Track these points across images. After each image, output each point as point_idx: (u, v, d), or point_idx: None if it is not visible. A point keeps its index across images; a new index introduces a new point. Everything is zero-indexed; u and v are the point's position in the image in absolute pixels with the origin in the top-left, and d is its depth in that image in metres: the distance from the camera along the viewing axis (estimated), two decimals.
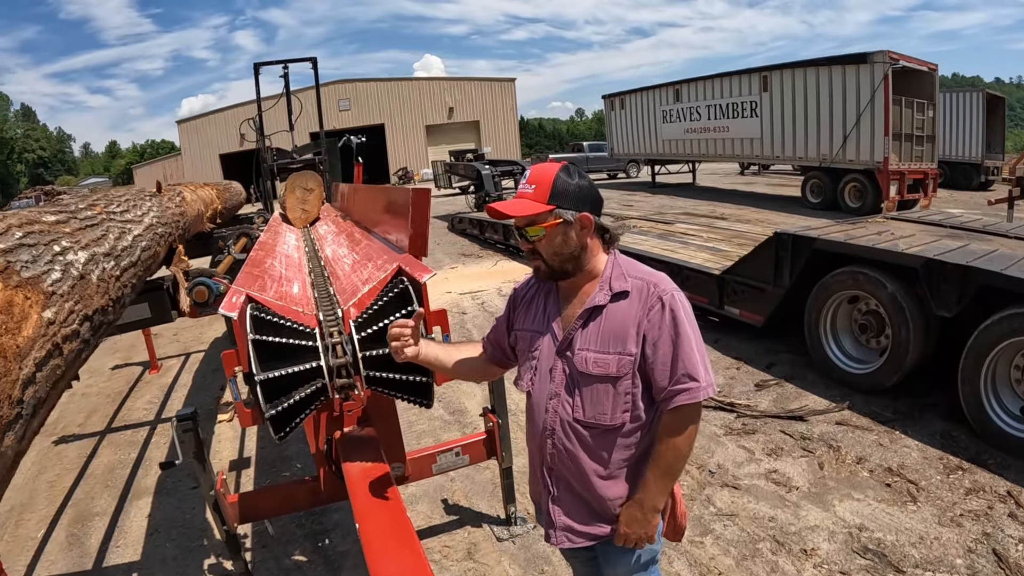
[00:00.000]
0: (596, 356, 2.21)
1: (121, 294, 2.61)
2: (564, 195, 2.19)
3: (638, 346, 2.18)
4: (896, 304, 5.87)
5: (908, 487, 4.75)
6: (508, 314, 2.55)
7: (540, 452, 2.39)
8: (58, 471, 6.28)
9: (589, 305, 2.24)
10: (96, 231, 2.66)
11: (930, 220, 8.07)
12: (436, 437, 6.08)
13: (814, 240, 6.73)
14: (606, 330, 2.21)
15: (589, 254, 2.26)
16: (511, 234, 14.80)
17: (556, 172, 2.21)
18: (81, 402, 8.19)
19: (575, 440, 2.28)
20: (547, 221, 2.19)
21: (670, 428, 2.21)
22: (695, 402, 2.17)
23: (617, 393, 2.22)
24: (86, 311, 2.08)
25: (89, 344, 2.13)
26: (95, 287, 2.25)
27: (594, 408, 2.24)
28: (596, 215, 2.25)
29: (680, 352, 2.15)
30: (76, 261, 2.18)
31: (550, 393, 2.31)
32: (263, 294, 3.08)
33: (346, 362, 2.73)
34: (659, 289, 2.20)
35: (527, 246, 2.28)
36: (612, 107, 30.72)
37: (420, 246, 3.31)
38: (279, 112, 10.64)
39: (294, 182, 7.50)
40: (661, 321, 2.16)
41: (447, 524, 4.76)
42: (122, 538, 5.01)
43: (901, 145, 17.54)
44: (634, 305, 2.20)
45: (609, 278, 2.25)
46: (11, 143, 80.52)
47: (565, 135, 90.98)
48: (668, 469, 2.24)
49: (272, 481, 5.61)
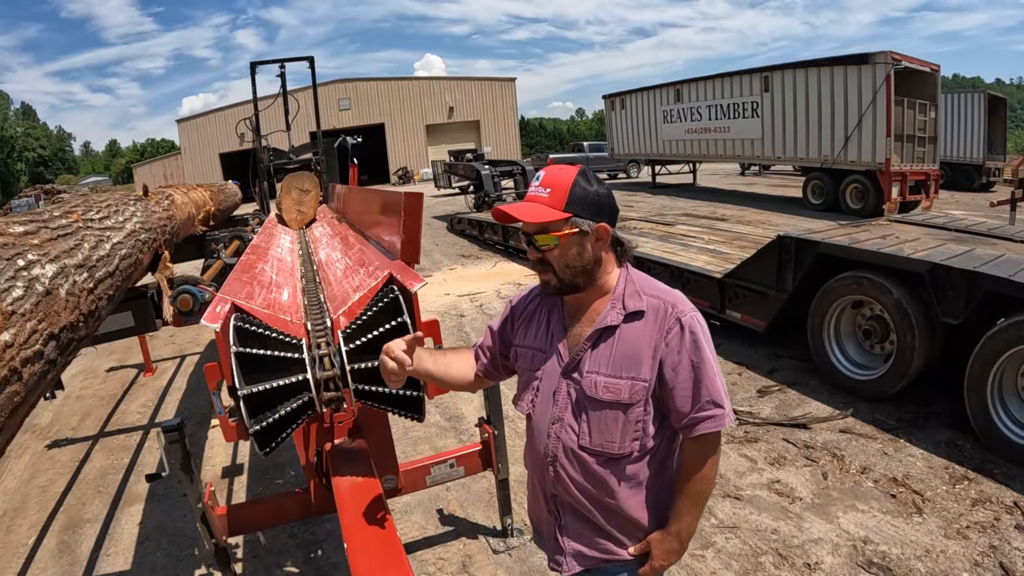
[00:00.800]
0: (607, 380, 2.05)
1: (95, 307, 2.48)
2: (582, 203, 2.01)
3: (653, 372, 2.03)
4: (901, 310, 5.78)
5: (913, 498, 4.66)
6: (504, 327, 2.38)
7: (542, 478, 2.26)
8: (51, 476, 6.20)
9: (600, 325, 2.07)
10: (69, 241, 2.53)
11: (934, 223, 7.96)
12: (432, 443, 6.00)
13: (818, 244, 6.63)
14: (619, 353, 2.05)
15: (602, 268, 2.09)
16: (511, 235, 14.83)
17: (574, 177, 2.03)
18: (75, 405, 8.11)
19: (579, 468, 2.14)
20: (562, 230, 2.00)
21: (696, 457, 2.09)
22: (720, 430, 2.06)
23: (627, 421, 2.06)
24: (52, 329, 1.95)
25: (56, 364, 2.00)
26: (63, 302, 2.12)
27: (601, 436, 2.08)
28: (613, 226, 2.08)
29: (703, 378, 2.01)
30: (42, 275, 2.05)
31: (553, 417, 2.16)
32: (250, 302, 2.98)
33: (334, 375, 2.62)
34: (677, 310, 2.04)
35: (536, 255, 2.09)
36: (612, 107, 30.58)
37: (412, 252, 3.19)
38: (277, 112, 10.56)
39: (290, 183, 7.41)
40: (680, 345, 2.01)
41: (442, 535, 4.66)
42: (112, 546, 4.93)
43: (903, 146, 17.46)
44: (649, 327, 2.04)
45: (622, 295, 2.09)
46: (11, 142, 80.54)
47: (565, 135, 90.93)
48: (698, 498, 2.12)
49: (264, 488, 5.54)
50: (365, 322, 2.72)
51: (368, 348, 2.60)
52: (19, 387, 1.67)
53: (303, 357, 2.58)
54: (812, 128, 19.21)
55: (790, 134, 20.13)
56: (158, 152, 75.73)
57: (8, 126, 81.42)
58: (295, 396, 2.56)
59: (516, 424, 5.37)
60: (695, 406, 2.02)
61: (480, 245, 17.01)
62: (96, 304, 2.50)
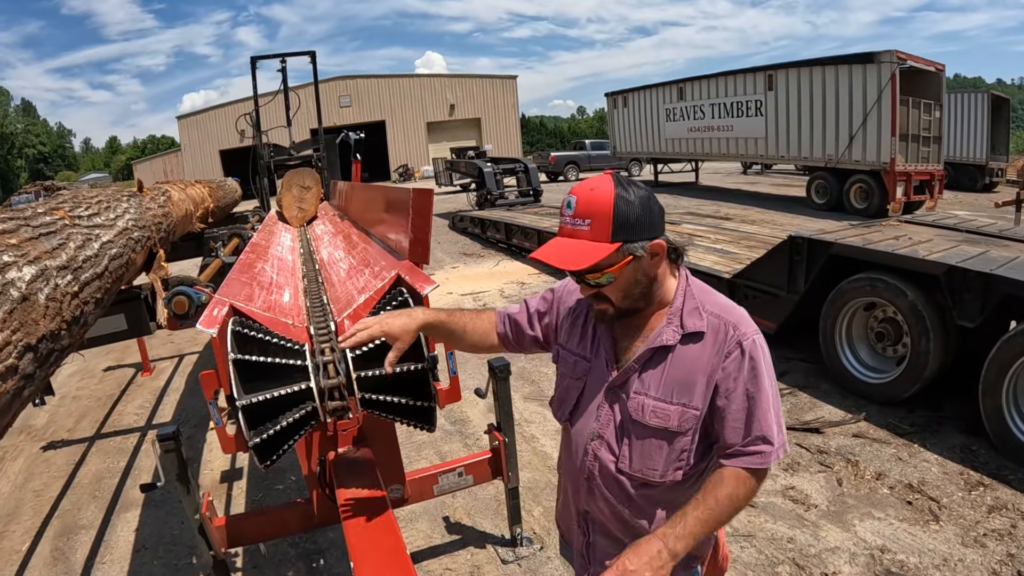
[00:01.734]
0: (655, 405, 1.87)
1: (80, 313, 2.27)
2: (630, 226, 1.75)
3: (706, 400, 1.85)
4: (916, 313, 5.65)
5: (929, 505, 4.57)
6: (545, 314, 2.20)
7: (575, 492, 2.11)
8: (45, 479, 6.07)
9: (654, 344, 1.88)
10: (51, 240, 2.32)
11: (944, 224, 7.85)
12: (437, 448, 5.85)
13: (831, 244, 6.49)
14: (672, 376, 1.86)
15: (658, 282, 1.89)
16: (513, 234, 14.69)
17: (613, 196, 1.74)
18: (72, 405, 7.98)
19: (616, 490, 1.98)
20: (616, 263, 1.77)
21: (733, 484, 1.85)
22: (766, 467, 1.87)
23: (672, 449, 1.89)
24: (28, 340, 1.74)
25: (34, 379, 1.80)
26: (43, 309, 1.91)
27: (643, 462, 1.91)
28: (663, 234, 1.84)
29: (757, 410, 1.83)
30: (18, 279, 1.83)
31: (592, 434, 1.99)
32: (249, 305, 2.83)
33: (339, 383, 2.46)
34: (739, 332, 1.84)
35: (590, 291, 1.88)
36: (615, 105, 30.45)
37: (421, 253, 3.03)
38: (278, 108, 10.44)
39: (291, 179, 7.29)
40: (738, 372, 1.82)
41: (448, 544, 4.53)
42: (108, 554, 4.79)
43: (908, 146, 17.44)
44: (707, 350, 1.84)
45: (680, 311, 1.89)
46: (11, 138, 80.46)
47: (566, 133, 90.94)
48: (714, 522, 1.84)
49: (265, 494, 5.40)
50: None
51: (375, 354, 2.44)
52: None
53: (306, 364, 2.42)
54: (816, 127, 19.14)
55: (794, 133, 20.06)
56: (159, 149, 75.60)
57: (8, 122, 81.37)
58: (298, 406, 2.40)
59: (523, 428, 5.23)
60: (744, 439, 1.84)
61: (482, 243, 16.85)
62: (81, 309, 2.30)
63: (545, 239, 12.90)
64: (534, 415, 6.38)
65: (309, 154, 10.27)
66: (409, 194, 3.06)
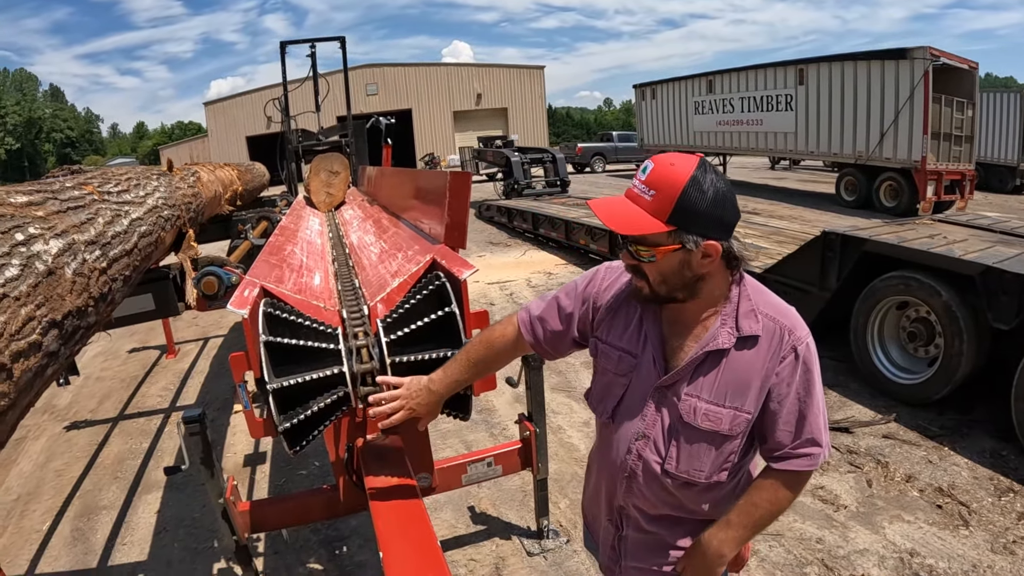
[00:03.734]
0: (707, 408, 1.81)
1: (107, 290, 2.18)
2: (691, 216, 1.65)
3: (759, 404, 1.81)
4: (950, 313, 5.53)
5: (959, 509, 4.50)
6: (578, 309, 2.07)
7: (611, 488, 2.04)
8: (67, 459, 6.06)
9: (709, 347, 1.80)
10: (80, 214, 2.22)
11: (978, 224, 7.71)
12: (462, 437, 5.79)
13: (865, 241, 6.37)
14: (725, 380, 1.80)
15: (706, 281, 1.78)
16: (540, 224, 14.61)
17: (687, 179, 1.64)
18: (95, 386, 7.98)
19: (658, 489, 1.92)
20: (662, 244, 1.69)
21: (780, 487, 1.88)
22: (813, 470, 1.87)
23: (720, 452, 1.85)
24: (53, 316, 1.67)
25: (58, 357, 1.71)
26: (69, 284, 1.82)
27: (689, 463, 1.86)
28: (726, 239, 1.73)
29: (808, 413, 1.81)
30: (44, 252, 1.76)
31: (637, 432, 1.92)
32: (280, 286, 2.76)
33: (372, 368, 2.38)
34: (794, 337, 1.79)
35: (630, 262, 1.80)
36: (643, 97, 30.11)
37: (458, 237, 2.94)
38: (305, 94, 10.39)
39: (319, 164, 7.23)
40: (792, 376, 1.79)
41: (473, 535, 4.47)
42: (128, 535, 4.76)
43: (939, 144, 17.07)
44: (762, 354, 1.79)
45: (735, 313, 1.81)
46: (39, 123, 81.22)
47: (592, 125, 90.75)
48: (758, 524, 1.92)
49: (288, 479, 5.36)
50: (407, 311, 2.48)
51: (410, 339, 2.36)
52: (8, 387, 1.40)
53: (338, 348, 2.34)
54: (847, 123, 18.77)
55: (824, 129, 19.73)
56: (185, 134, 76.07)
57: (36, 108, 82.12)
58: (329, 391, 2.33)
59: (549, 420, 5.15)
60: (794, 441, 1.83)
61: (509, 233, 16.80)
62: (109, 286, 2.21)
63: (572, 229, 12.92)
64: (561, 406, 6.31)
65: (337, 140, 10.20)
66: (446, 177, 2.98)
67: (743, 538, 1.92)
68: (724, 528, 1.91)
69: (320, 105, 10.26)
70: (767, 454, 1.88)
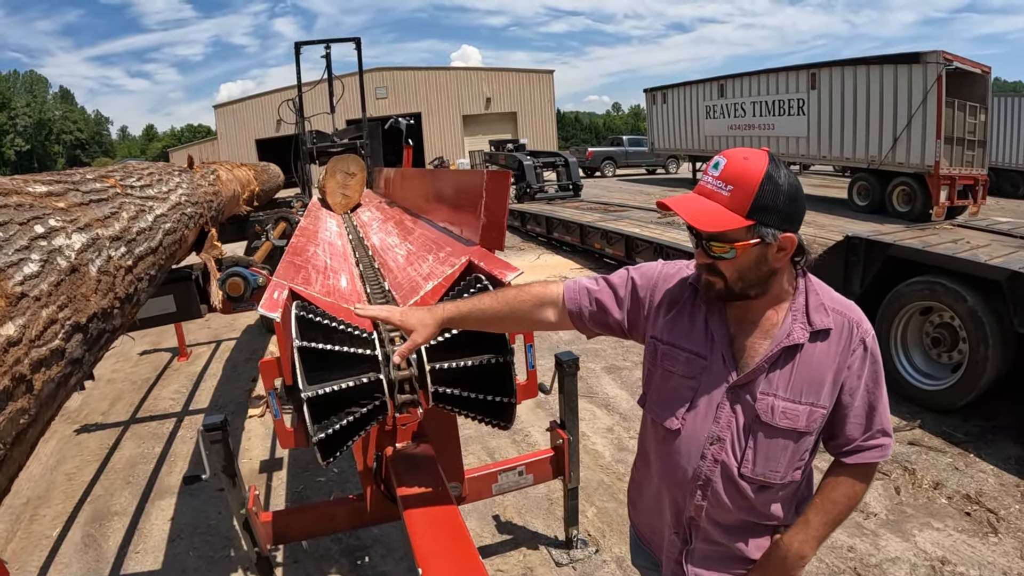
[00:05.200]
0: (785, 406, 1.77)
1: (134, 290, 2.02)
2: (771, 209, 1.63)
3: (833, 398, 1.79)
4: (976, 319, 5.46)
5: (988, 516, 4.45)
6: (628, 295, 2.00)
7: (679, 500, 1.94)
8: (77, 463, 5.96)
9: (785, 342, 1.76)
10: (103, 208, 2.05)
11: (997, 229, 7.65)
12: (484, 443, 5.67)
13: (889, 246, 6.29)
14: (800, 376, 1.77)
15: (777, 276, 1.77)
16: (555, 228, 14.49)
17: (764, 172, 1.63)
18: (106, 388, 7.88)
19: (735, 494, 1.85)
20: (742, 240, 1.65)
21: (849, 482, 1.88)
22: (884, 460, 1.89)
23: (796, 450, 1.82)
24: (77, 318, 1.50)
25: (82, 364, 1.54)
26: (94, 283, 1.66)
27: (767, 464, 1.81)
28: (797, 231, 1.71)
29: (878, 405, 1.82)
30: (67, 247, 1.59)
31: (712, 437, 1.84)
32: (308, 288, 2.63)
33: (411, 375, 2.24)
34: (862, 329, 1.79)
35: (705, 260, 1.75)
36: (654, 101, 30.15)
37: (496, 238, 2.81)
38: (317, 96, 10.30)
39: (335, 165, 7.15)
40: (861, 369, 1.79)
41: (499, 544, 4.36)
42: (141, 542, 4.65)
43: (952, 149, 16.96)
44: (833, 348, 1.77)
45: (805, 308, 1.79)
46: (49, 124, 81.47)
47: (601, 129, 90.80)
48: (836, 521, 1.91)
49: (306, 486, 5.24)
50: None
51: (449, 345, 2.22)
52: (28, 402, 1.23)
53: (375, 354, 2.20)
54: (860, 128, 18.68)
55: (836, 133, 19.64)
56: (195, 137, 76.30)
57: (46, 109, 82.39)
58: (364, 398, 2.19)
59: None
60: (865, 434, 1.84)
61: (522, 237, 16.71)
62: (135, 286, 2.05)
63: (587, 233, 12.79)
64: (583, 412, 6.18)
65: (352, 142, 10.10)
66: (482, 176, 2.84)
67: (823, 536, 1.90)
68: (803, 528, 1.89)
69: (335, 106, 10.16)
70: (837, 449, 1.89)
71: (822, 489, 1.90)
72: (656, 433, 1.99)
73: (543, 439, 5.39)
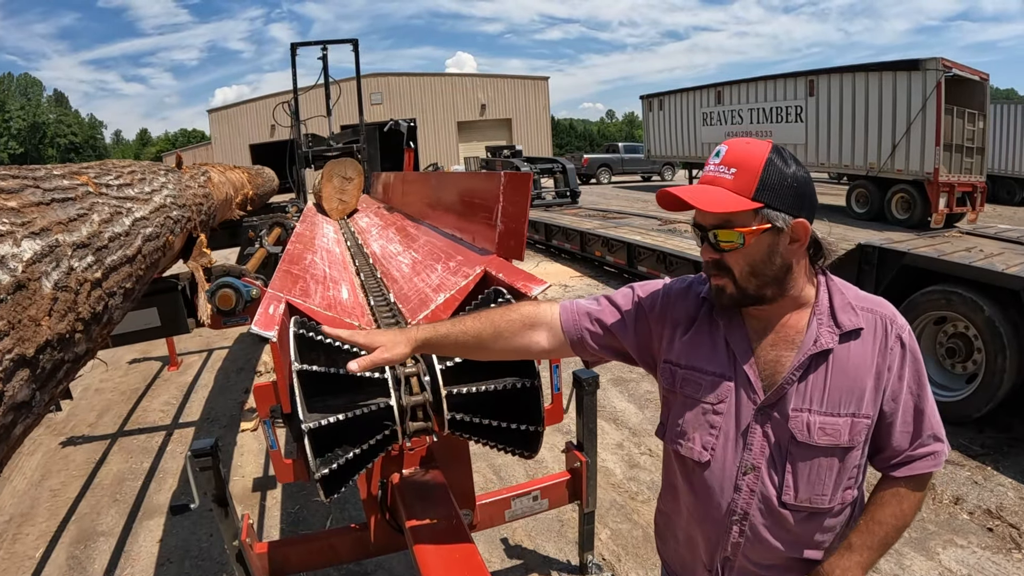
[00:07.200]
0: (823, 421, 1.57)
1: (103, 307, 1.69)
2: (778, 190, 1.50)
3: (877, 405, 1.59)
4: (993, 329, 5.37)
5: (1010, 532, 4.36)
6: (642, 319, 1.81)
7: (714, 538, 1.72)
8: (63, 478, 5.73)
9: (812, 349, 1.58)
10: (68, 209, 1.71)
11: (1007, 237, 7.51)
12: (489, 461, 5.42)
13: (903, 255, 6.16)
14: (836, 385, 1.57)
15: (792, 275, 1.59)
16: (553, 235, 14.27)
17: (767, 154, 1.51)
18: (94, 399, 7.67)
19: (776, 526, 1.64)
20: (749, 225, 1.50)
21: (903, 496, 1.67)
22: (937, 469, 1.67)
23: (843, 468, 1.61)
24: (24, 349, 1.18)
25: (31, 406, 1.21)
26: (48, 302, 1.32)
27: (811, 488, 1.60)
28: (811, 221, 1.57)
29: (926, 407, 1.63)
30: (11, 257, 1.25)
31: (745, 466, 1.63)
32: (307, 301, 2.38)
33: (424, 400, 1.99)
34: (896, 325, 1.61)
35: (711, 255, 1.58)
36: (650, 108, 30.04)
37: (514, 247, 2.55)
38: (312, 100, 10.10)
39: (332, 169, 6.93)
40: (902, 369, 1.59)
41: (509, 571, 4.15)
42: (129, 566, 4.43)
43: (951, 156, 16.93)
44: (868, 348, 1.58)
45: (829, 309, 1.60)
46: (43, 128, 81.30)
47: (596, 136, 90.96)
48: (884, 543, 1.68)
49: (301, 506, 5.01)
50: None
51: (466, 367, 1.96)
52: None
53: (384, 377, 1.94)
54: (858, 135, 18.61)
55: (835, 140, 19.57)
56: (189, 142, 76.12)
57: (40, 112, 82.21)
58: (371, 427, 1.93)
59: None
60: (915, 441, 1.65)
61: None
62: (105, 303, 1.73)
63: (588, 241, 12.63)
64: None
65: (349, 146, 9.89)
66: (499, 179, 2.59)
67: (869, 562, 1.68)
68: (846, 554, 1.67)
69: (331, 109, 9.97)
70: (884, 463, 1.69)
71: (868, 508, 1.70)
72: (683, 466, 1.77)
73: (551, 456, 5.19)
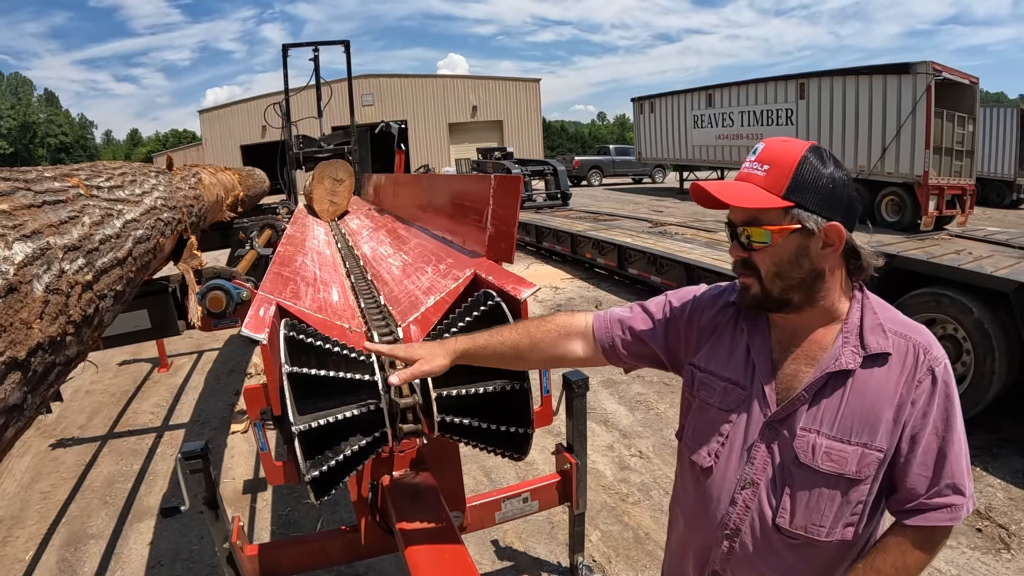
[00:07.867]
0: (829, 445, 1.49)
1: (94, 310, 1.69)
2: (811, 190, 1.46)
3: (893, 439, 1.48)
4: (982, 330, 5.39)
5: (999, 532, 4.40)
6: (674, 321, 1.79)
7: (705, 549, 1.69)
8: (53, 480, 5.71)
9: (830, 368, 1.50)
10: (60, 211, 1.71)
11: (996, 239, 7.57)
12: (480, 463, 5.42)
13: (893, 257, 6.14)
14: (851, 409, 1.49)
15: (825, 284, 1.52)
16: (544, 237, 14.28)
17: (803, 152, 1.47)
18: (85, 400, 7.64)
19: (766, 549, 1.57)
20: (778, 224, 1.47)
21: (908, 550, 1.51)
22: (954, 525, 1.51)
23: (846, 501, 1.51)
24: (16, 352, 1.18)
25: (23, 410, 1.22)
26: (39, 305, 1.33)
27: (808, 516, 1.52)
28: (849, 228, 1.50)
29: (949, 452, 1.47)
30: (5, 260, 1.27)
31: (744, 480, 1.58)
32: (297, 303, 2.39)
33: (414, 403, 2.00)
34: (931, 356, 1.48)
35: (740, 254, 1.55)
36: (641, 110, 30.13)
37: (505, 249, 2.56)
38: (303, 101, 10.09)
39: (323, 171, 6.93)
40: (929, 405, 1.47)
41: (500, 572, 4.15)
42: (119, 568, 4.41)
43: (940, 159, 17.03)
44: (894, 376, 1.48)
45: (859, 328, 1.52)
46: (34, 127, 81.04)
47: (587, 138, 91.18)
48: None
49: (292, 508, 5.00)
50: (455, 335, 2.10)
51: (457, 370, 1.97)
52: None
53: (374, 379, 1.95)
54: (848, 138, 18.68)
55: (825, 143, 19.15)
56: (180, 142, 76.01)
57: (31, 112, 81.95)
58: (361, 429, 1.94)
59: None
60: (931, 489, 1.49)
61: None
62: (96, 306, 1.74)
63: (579, 243, 12.65)
64: None
65: (340, 147, 9.89)
66: (490, 182, 2.60)
67: None
68: None
69: (323, 111, 9.96)
70: (897, 506, 1.54)
71: (870, 553, 1.56)
72: (691, 471, 1.74)
73: (541, 458, 5.20)
